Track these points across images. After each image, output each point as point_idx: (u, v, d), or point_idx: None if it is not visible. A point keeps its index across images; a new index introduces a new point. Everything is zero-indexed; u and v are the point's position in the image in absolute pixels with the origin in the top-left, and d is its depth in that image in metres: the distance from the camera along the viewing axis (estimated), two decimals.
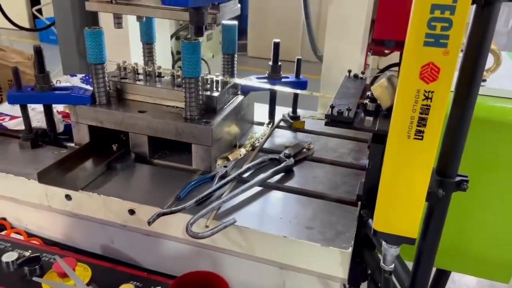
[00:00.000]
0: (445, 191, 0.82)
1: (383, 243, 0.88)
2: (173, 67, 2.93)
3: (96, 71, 1.36)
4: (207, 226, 1.10)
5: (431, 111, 0.73)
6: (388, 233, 0.84)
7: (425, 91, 0.72)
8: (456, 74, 0.75)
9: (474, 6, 0.70)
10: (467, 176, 0.83)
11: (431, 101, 0.72)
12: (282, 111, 1.77)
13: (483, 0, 0.67)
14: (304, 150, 1.49)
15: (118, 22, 1.34)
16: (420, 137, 0.75)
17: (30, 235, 1.39)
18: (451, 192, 0.83)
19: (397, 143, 0.77)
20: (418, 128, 0.74)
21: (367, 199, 1.17)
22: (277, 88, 1.59)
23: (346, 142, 1.59)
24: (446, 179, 0.82)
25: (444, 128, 0.80)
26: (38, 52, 1.36)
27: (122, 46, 1.93)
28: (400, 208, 0.81)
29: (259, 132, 1.62)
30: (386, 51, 2.18)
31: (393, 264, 0.92)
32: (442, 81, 0.70)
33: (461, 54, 0.74)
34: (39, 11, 3.62)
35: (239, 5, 1.41)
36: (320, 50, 2.08)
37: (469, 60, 0.74)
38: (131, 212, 1.19)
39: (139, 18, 1.41)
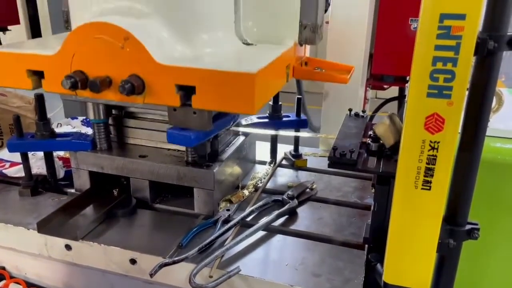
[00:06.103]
0: (456, 240, 0.79)
1: None
2: None
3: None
4: (211, 277, 1.07)
5: (438, 161, 0.72)
6: (399, 285, 0.82)
7: (431, 142, 0.71)
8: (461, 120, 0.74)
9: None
10: (477, 224, 0.81)
11: (437, 151, 0.71)
12: (283, 148, 1.76)
13: (485, 51, 0.67)
14: (308, 190, 1.47)
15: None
16: (428, 187, 0.73)
17: (29, 284, 1.36)
18: (461, 241, 0.80)
19: (404, 193, 0.75)
20: (426, 178, 0.73)
21: (374, 242, 1.14)
22: (279, 132, 1.60)
23: (349, 180, 1.57)
24: (456, 228, 0.80)
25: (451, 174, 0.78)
26: (39, 99, 1.36)
27: None
28: (411, 260, 0.79)
29: (261, 171, 1.61)
30: (385, 86, 2.19)
31: None
32: (447, 132, 0.70)
33: None
34: None
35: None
36: (316, 128, 2.12)
37: (473, 108, 0.74)
38: (133, 261, 1.16)
39: None
